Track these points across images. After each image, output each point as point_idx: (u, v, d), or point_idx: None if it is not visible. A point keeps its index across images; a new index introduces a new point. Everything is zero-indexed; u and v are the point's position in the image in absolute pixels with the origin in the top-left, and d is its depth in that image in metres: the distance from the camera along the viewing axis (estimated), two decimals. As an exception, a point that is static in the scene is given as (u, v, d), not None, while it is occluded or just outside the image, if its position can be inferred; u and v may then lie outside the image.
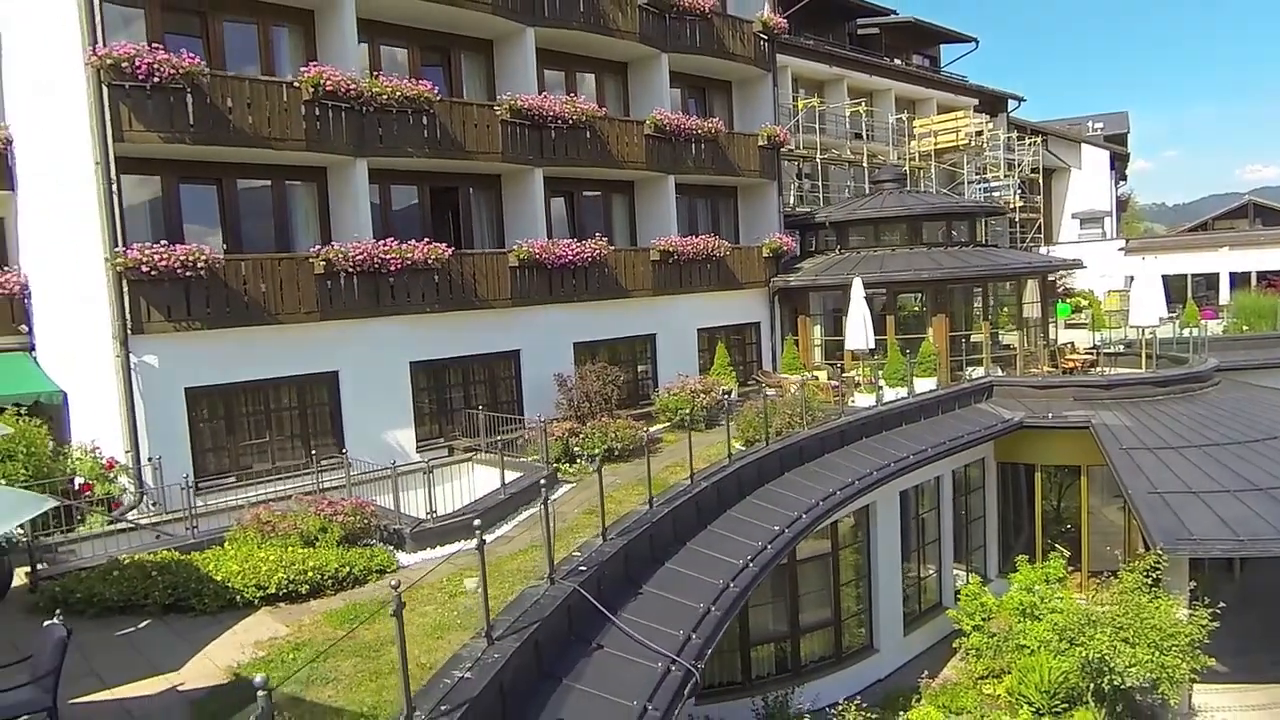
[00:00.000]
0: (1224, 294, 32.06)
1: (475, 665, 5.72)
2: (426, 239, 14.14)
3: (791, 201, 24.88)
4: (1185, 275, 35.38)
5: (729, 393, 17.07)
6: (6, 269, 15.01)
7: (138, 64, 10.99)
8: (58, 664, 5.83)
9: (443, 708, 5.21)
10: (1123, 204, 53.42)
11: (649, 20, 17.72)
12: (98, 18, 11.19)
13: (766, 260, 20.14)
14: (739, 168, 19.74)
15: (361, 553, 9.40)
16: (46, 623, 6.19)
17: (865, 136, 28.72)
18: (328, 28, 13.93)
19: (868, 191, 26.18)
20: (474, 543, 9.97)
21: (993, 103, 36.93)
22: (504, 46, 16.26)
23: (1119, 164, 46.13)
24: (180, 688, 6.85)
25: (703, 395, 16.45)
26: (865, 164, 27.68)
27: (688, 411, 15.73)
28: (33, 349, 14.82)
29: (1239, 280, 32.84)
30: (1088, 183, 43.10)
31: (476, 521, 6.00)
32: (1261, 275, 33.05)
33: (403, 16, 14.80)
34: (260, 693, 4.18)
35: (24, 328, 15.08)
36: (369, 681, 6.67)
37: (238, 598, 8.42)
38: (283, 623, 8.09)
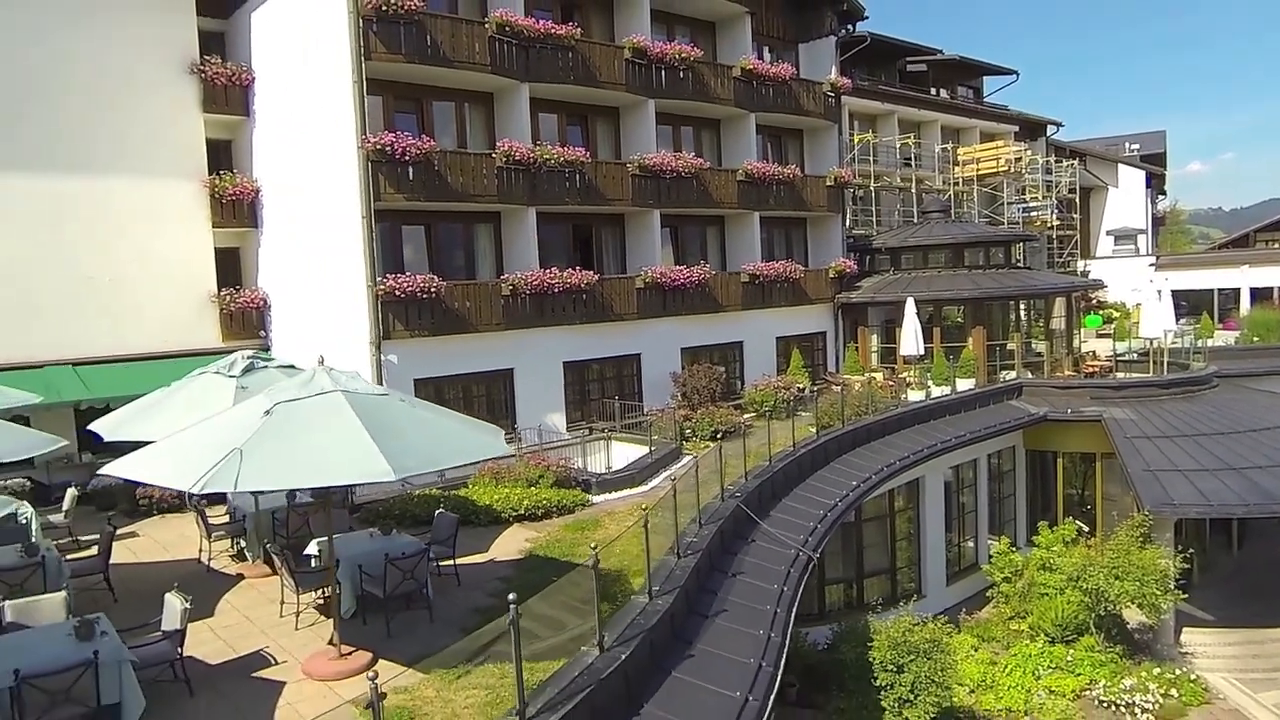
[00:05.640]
0: (1244, 308, 35.01)
1: (698, 536, 9.87)
2: (575, 266, 18.43)
3: (847, 224, 28.69)
4: (1212, 290, 38.29)
5: (803, 389, 21.05)
6: (252, 288, 19.70)
7: (397, 148, 15.43)
8: (453, 534, 10.11)
9: (689, 554, 9.35)
10: (1160, 219, 55.92)
11: (740, 88, 21.86)
12: (365, 114, 15.64)
13: (832, 280, 24.12)
14: (810, 204, 23.77)
15: (568, 492, 13.62)
16: (438, 512, 10.49)
17: (913, 164, 32.32)
18: (505, 106, 18.29)
19: (915, 215, 29.88)
20: (638, 490, 14.18)
21: (1032, 128, 40.14)
22: (629, 112, 20.54)
23: (1155, 182, 48.82)
24: (495, 559, 11.13)
25: (783, 391, 20.44)
26: (913, 189, 31.33)
27: (772, 404, 19.78)
28: (268, 350, 19.42)
29: (1261, 295, 35.71)
30: (1124, 200, 45.69)
31: (688, 457, 10.09)
32: (1284, 290, 35.86)
33: (556, 94, 19.11)
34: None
35: (262, 333, 19.74)
36: (612, 558, 10.79)
37: (499, 516, 12.70)
38: (534, 530, 12.34)
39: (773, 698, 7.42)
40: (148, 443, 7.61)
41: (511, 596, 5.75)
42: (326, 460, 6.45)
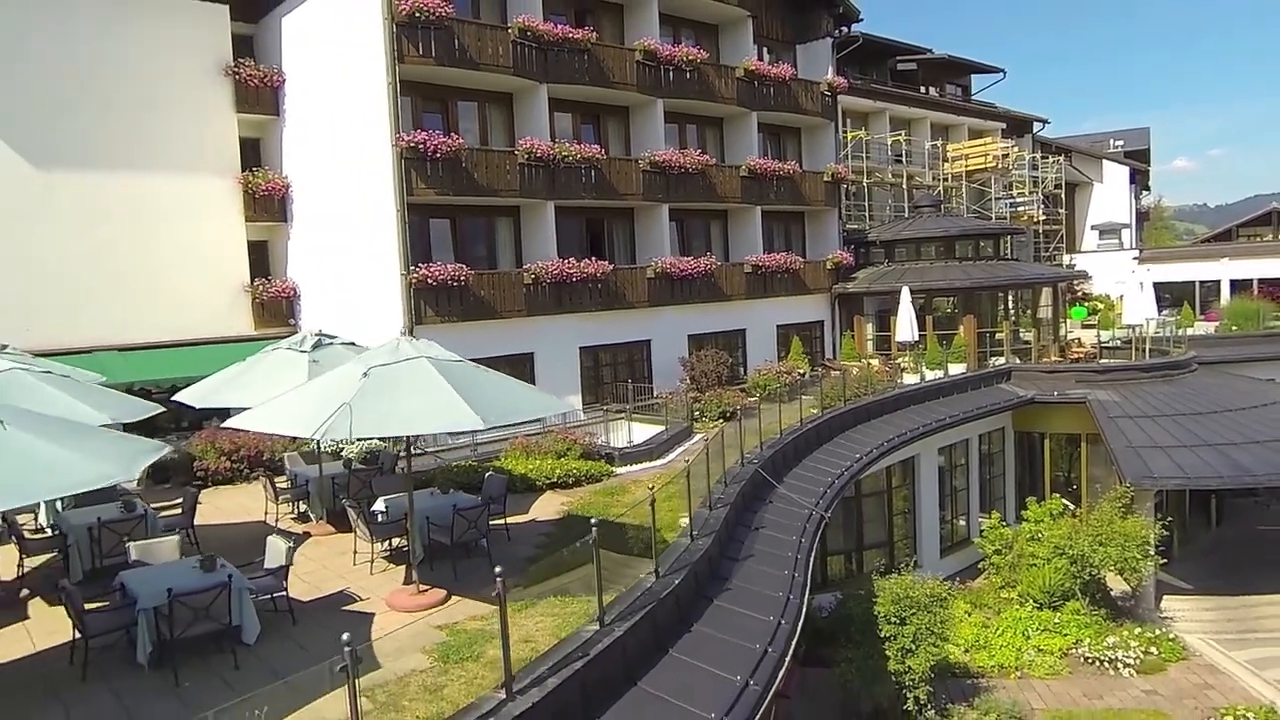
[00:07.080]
0: (1224, 299, 36.48)
1: (724, 493, 11.00)
2: (589, 257, 19.51)
3: (842, 218, 29.85)
4: (1194, 282, 39.73)
5: (803, 375, 22.20)
6: (282, 279, 20.68)
7: (429, 146, 16.46)
8: (504, 493, 11.18)
9: (719, 507, 10.48)
10: (1144, 214, 57.42)
11: (743, 88, 23.00)
12: (399, 114, 16.66)
13: (829, 271, 25.31)
14: (808, 198, 24.95)
15: (594, 464, 14.71)
16: (488, 474, 11.56)
17: (904, 161, 33.54)
18: (525, 105, 19.35)
19: (906, 210, 31.12)
20: (657, 462, 15.27)
21: (1019, 125, 41.44)
22: (638, 111, 21.65)
23: (1139, 178, 50.27)
24: (536, 519, 12.21)
25: (784, 376, 21.58)
26: (904, 185, 32.58)
27: (775, 387, 20.91)
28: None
29: (1241, 286, 37.15)
30: (1109, 196, 46.99)
31: (699, 435, 11.19)
32: (1262, 282, 37.34)
33: (571, 95, 20.19)
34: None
35: (292, 321, 20.70)
36: (643, 515, 11.87)
37: (534, 484, 13.77)
38: (567, 496, 13.42)
39: (800, 624, 8.55)
40: (221, 410, 8.69)
41: (593, 520, 6.84)
42: (424, 412, 7.53)
